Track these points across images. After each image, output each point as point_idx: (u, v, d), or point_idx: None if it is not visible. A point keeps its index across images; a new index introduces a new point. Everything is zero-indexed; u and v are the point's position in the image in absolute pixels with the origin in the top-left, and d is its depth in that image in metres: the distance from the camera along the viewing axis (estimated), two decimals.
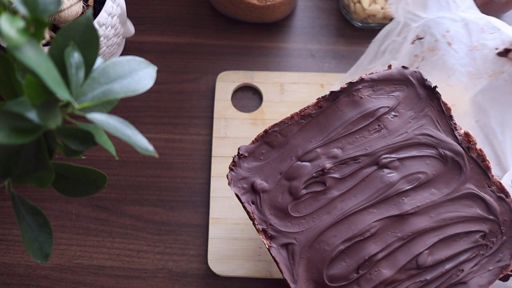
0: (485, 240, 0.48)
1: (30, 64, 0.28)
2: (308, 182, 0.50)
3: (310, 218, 0.49)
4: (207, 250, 0.60)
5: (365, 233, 0.48)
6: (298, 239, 0.48)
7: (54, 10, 0.30)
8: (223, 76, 0.67)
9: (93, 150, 0.65)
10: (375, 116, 0.51)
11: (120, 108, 0.66)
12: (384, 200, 0.49)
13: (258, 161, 0.51)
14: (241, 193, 0.50)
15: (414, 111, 0.52)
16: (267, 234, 0.49)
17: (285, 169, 0.50)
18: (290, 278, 0.47)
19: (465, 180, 0.49)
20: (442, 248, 0.48)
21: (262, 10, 0.67)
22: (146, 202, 0.63)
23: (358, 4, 0.68)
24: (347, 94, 0.52)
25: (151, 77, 0.34)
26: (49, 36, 0.46)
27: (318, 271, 0.47)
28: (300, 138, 0.51)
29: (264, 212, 0.49)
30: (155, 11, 0.72)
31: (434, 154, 0.50)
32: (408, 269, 0.47)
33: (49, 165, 0.33)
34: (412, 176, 0.49)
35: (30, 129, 0.30)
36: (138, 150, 0.32)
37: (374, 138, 0.51)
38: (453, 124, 0.51)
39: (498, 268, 0.47)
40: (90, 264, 0.61)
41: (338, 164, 0.50)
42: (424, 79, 0.52)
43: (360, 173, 0.50)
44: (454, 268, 0.48)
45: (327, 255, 0.48)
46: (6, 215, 0.63)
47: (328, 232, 0.48)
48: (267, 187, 0.50)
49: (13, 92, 0.33)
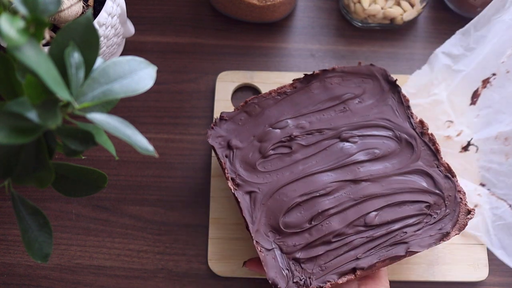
0: (429, 211, 0.54)
1: (30, 64, 0.28)
2: (276, 145, 0.57)
3: (274, 174, 0.56)
4: (207, 250, 0.60)
5: (321, 190, 0.55)
6: (261, 189, 0.55)
7: (54, 10, 0.30)
8: (223, 76, 0.67)
9: (93, 150, 0.65)
10: (342, 100, 0.59)
11: (120, 108, 0.66)
12: (341, 167, 0.56)
13: (236, 125, 0.58)
14: (217, 147, 0.57)
15: (377, 100, 0.59)
16: (234, 182, 0.55)
17: (258, 133, 0.58)
18: (249, 219, 0.54)
19: (416, 158, 0.56)
20: (389, 211, 0.54)
21: (262, 10, 0.67)
22: (146, 202, 0.63)
23: (358, 4, 0.68)
24: (319, 80, 0.60)
25: (151, 77, 0.34)
26: (49, 36, 0.46)
27: (275, 218, 0.54)
28: (274, 110, 0.59)
29: (235, 165, 0.56)
30: (155, 11, 0.72)
31: (390, 135, 0.58)
32: (356, 225, 0.54)
33: (49, 165, 0.33)
34: (369, 150, 0.57)
35: (30, 129, 0.30)
36: (138, 150, 0.32)
37: (338, 117, 0.58)
38: (409, 113, 0.58)
39: (439, 234, 0.53)
40: (90, 264, 0.61)
41: (304, 133, 0.58)
42: (388, 75, 0.60)
43: (323, 143, 0.57)
44: (398, 230, 0.54)
45: (284, 205, 0.54)
46: (6, 215, 0.63)
47: (288, 187, 0.55)
48: (241, 145, 0.57)
49: (13, 92, 0.33)
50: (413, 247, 0.52)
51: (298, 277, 0.52)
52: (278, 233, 0.53)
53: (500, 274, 0.60)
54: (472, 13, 0.70)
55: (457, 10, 0.71)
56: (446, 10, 0.72)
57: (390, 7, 0.68)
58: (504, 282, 0.60)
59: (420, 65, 0.69)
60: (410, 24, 0.71)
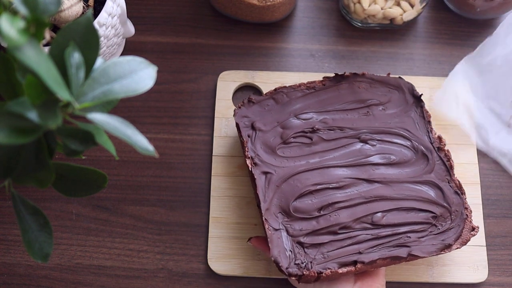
0: (435, 221, 0.56)
1: (31, 64, 0.28)
2: (298, 134, 0.59)
3: (292, 160, 0.58)
4: (207, 250, 0.60)
5: (334, 184, 0.57)
6: (277, 172, 0.57)
7: (54, 10, 0.30)
8: (224, 76, 0.67)
9: (93, 150, 0.65)
10: (367, 104, 0.61)
11: (120, 108, 0.66)
12: (357, 165, 0.58)
13: (262, 109, 0.60)
14: (242, 126, 0.59)
15: (400, 110, 0.61)
16: (253, 160, 0.58)
17: (282, 120, 0.60)
18: (262, 197, 0.56)
19: (429, 171, 0.58)
20: (396, 215, 0.56)
21: (262, 10, 0.67)
22: (146, 202, 0.63)
23: (358, 4, 0.68)
24: (348, 82, 0.62)
25: (151, 77, 0.34)
26: (50, 36, 0.46)
27: (286, 201, 0.56)
28: (301, 102, 0.61)
29: (256, 146, 0.59)
30: (155, 11, 0.72)
31: (408, 145, 0.59)
32: (363, 222, 0.55)
33: (49, 165, 0.33)
34: (385, 155, 0.58)
35: (30, 129, 0.30)
36: (138, 150, 0.32)
37: (361, 119, 0.60)
38: (429, 128, 0.60)
39: (442, 245, 0.54)
40: (90, 264, 0.61)
41: (326, 128, 0.60)
42: (414, 89, 0.62)
43: (343, 140, 0.59)
44: (403, 233, 0.55)
45: (297, 190, 0.56)
46: (6, 215, 0.63)
47: (303, 174, 0.57)
48: (264, 128, 0.59)
49: (14, 92, 0.33)
50: (415, 251, 0.53)
51: (300, 259, 0.53)
52: (287, 216, 0.55)
53: (500, 274, 0.60)
54: (472, 13, 0.70)
55: (457, 10, 0.71)
56: (446, 10, 0.72)
57: (390, 7, 0.68)
58: (504, 282, 0.60)
59: (420, 65, 0.69)
60: (410, 24, 0.71)
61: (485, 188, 0.64)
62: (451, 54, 0.70)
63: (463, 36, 0.71)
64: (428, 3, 0.69)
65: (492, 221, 0.63)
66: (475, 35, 0.71)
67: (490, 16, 0.71)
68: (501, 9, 0.69)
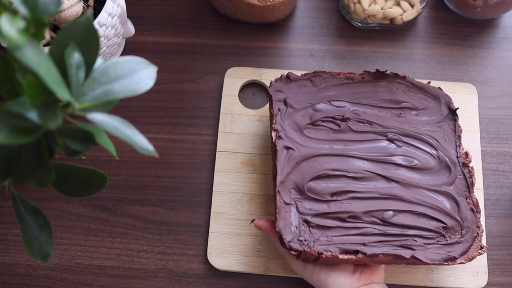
0: (444, 232, 0.55)
1: (31, 64, 0.28)
2: (328, 118, 0.59)
3: (316, 142, 0.58)
4: (207, 250, 0.60)
5: (353, 173, 0.57)
6: (299, 149, 0.57)
7: (54, 10, 0.30)
8: (231, 72, 0.68)
9: (93, 150, 0.65)
10: (401, 106, 0.61)
11: (120, 108, 0.66)
12: (379, 162, 0.58)
13: (298, 89, 0.61)
14: (274, 99, 0.60)
15: (432, 120, 0.61)
16: (278, 133, 0.58)
17: (315, 102, 0.60)
18: (280, 170, 0.56)
19: (449, 183, 0.58)
20: (407, 217, 0.56)
21: (262, 10, 0.67)
22: (146, 202, 0.63)
23: (358, 4, 0.68)
24: (387, 81, 0.62)
25: (151, 77, 0.34)
26: (50, 36, 0.46)
27: (303, 179, 0.56)
28: (336, 90, 0.61)
29: (284, 121, 0.59)
30: (155, 11, 0.72)
31: (433, 153, 0.59)
32: (374, 216, 0.55)
33: (49, 165, 0.33)
34: (409, 158, 0.58)
35: (30, 129, 0.30)
36: (138, 150, 0.32)
37: (392, 119, 0.60)
38: (458, 142, 0.60)
39: (447, 256, 0.54)
40: (90, 264, 0.61)
41: (357, 120, 0.60)
42: (451, 102, 0.61)
43: (370, 135, 0.59)
44: (410, 236, 0.55)
45: (315, 171, 0.56)
46: (6, 215, 0.63)
47: (324, 158, 0.57)
48: (296, 106, 0.60)
49: (14, 92, 0.33)
50: (419, 255, 0.53)
51: (303, 237, 0.54)
52: (300, 193, 0.56)
53: (500, 274, 0.60)
54: (472, 13, 0.70)
55: (457, 10, 0.71)
56: (446, 10, 0.72)
57: (390, 7, 0.68)
58: (504, 282, 0.60)
59: (420, 65, 0.69)
60: (410, 24, 0.71)
61: (485, 188, 0.64)
62: (451, 54, 0.70)
63: (463, 36, 0.71)
64: (428, 3, 0.69)
65: (492, 221, 0.63)
66: (475, 35, 0.71)
67: (490, 16, 0.71)
68: (501, 9, 0.69)
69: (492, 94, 0.68)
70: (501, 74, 0.69)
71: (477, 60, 0.70)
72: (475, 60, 0.70)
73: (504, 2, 0.67)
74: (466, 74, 0.69)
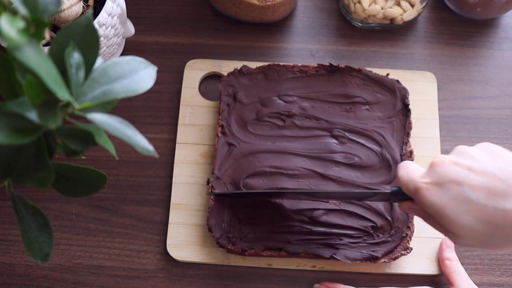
0: (373, 231, 0.56)
1: (30, 64, 0.28)
2: (274, 114, 0.60)
3: (258, 138, 0.60)
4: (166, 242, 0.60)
5: (289, 171, 0.58)
6: (240, 145, 0.59)
7: (54, 10, 0.30)
8: (191, 64, 0.67)
9: (93, 150, 0.65)
10: (352, 100, 0.61)
11: (120, 108, 0.66)
12: (318, 159, 0.59)
13: (250, 82, 0.62)
14: (223, 94, 0.61)
15: (384, 115, 0.61)
16: (223, 129, 0.60)
17: (264, 97, 0.61)
18: (218, 165, 0.58)
19: (388, 181, 0.58)
20: (337, 216, 0.57)
21: (262, 10, 0.67)
22: (146, 202, 0.63)
23: (358, 4, 0.68)
24: (342, 74, 0.62)
25: (151, 77, 0.34)
26: (49, 36, 0.46)
27: (240, 175, 0.58)
28: (288, 83, 0.62)
29: (231, 116, 0.60)
30: (155, 11, 0.72)
31: (377, 151, 0.59)
32: (302, 215, 0.56)
33: (49, 165, 0.33)
34: (350, 155, 0.59)
35: (30, 129, 0.30)
36: (138, 150, 0.32)
37: (340, 114, 0.61)
38: (406, 139, 0.60)
39: (369, 255, 0.55)
40: (90, 264, 0.61)
41: (303, 115, 0.60)
42: (406, 97, 0.61)
43: (314, 131, 0.60)
44: (336, 235, 0.56)
45: (252, 168, 0.58)
46: (6, 215, 0.63)
47: (264, 155, 0.59)
48: (244, 101, 0.61)
49: (13, 92, 0.33)
50: (339, 255, 0.55)
51: (232, 234, 0.56)
52: (236, 189, 0.58)
53: (500, 274, 0.60)
54: (472, 13, 0.70)
55: (457, 10, 0.71)
56: (446, 10, 0.72)
57: (390, 7, 0.68)
58: (504, 282, 0.60)
59: (420, 65, 0.69)
60: (410, 24, 0.71)
61: None
62: (451, 54, 0.70)
63: (463, 36, 0.71)
64: (428, 3, 0.69)
65: None
66: (475, 35, 0.71)
67: (490, 16, 0.71)
68: (501, 9, 0.69)
69: (492, 94, 0.68)
70: (501, 74, 0.69)
71: (477, 60, 0.70)
72: (475, 60, 0.70)
73: (505, 3, 0.67)
74: (466, 74, 0.69)
